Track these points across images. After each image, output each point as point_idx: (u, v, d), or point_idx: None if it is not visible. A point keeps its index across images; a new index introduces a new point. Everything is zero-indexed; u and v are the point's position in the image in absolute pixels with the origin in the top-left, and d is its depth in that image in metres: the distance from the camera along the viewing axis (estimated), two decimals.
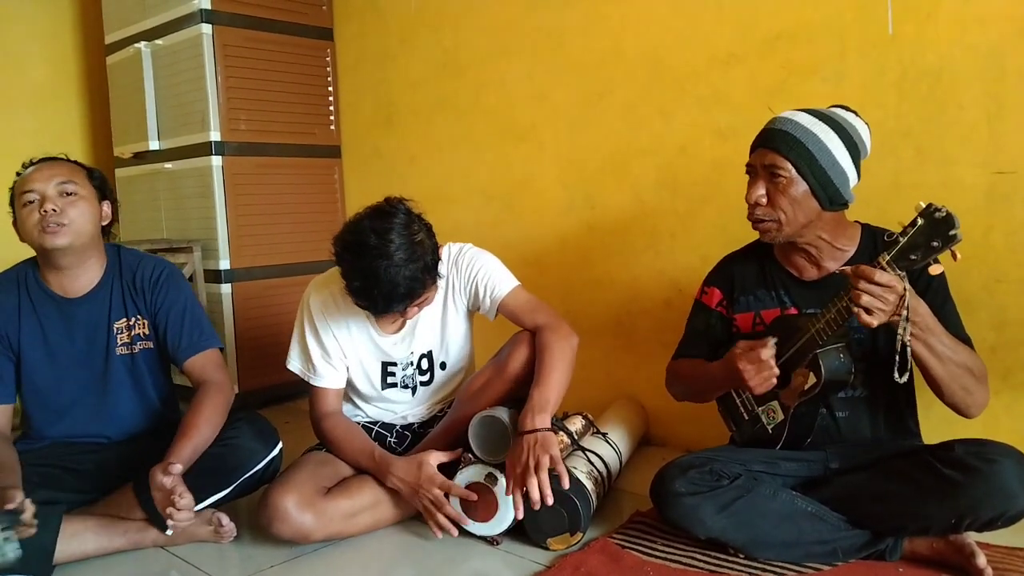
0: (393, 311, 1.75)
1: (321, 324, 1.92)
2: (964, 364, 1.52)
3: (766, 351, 1.58)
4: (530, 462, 1.66)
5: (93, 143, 3.81)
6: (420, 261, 1.70)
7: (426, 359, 1.99)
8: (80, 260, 1.88)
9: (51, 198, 1.79)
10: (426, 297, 1.80)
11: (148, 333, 1.95)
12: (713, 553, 1.65)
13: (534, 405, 1.73)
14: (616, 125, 2.54)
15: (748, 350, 1.61)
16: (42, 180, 1.81)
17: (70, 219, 1.80)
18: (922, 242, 1.35)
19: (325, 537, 1.78)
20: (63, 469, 1.82)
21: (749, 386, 1.60)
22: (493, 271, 1.93)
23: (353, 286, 1.70)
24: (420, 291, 1.74)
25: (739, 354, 1.62)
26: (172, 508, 1.59)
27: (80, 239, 1.83)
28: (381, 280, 1.66)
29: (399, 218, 1.71)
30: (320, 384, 1.95)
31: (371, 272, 1.66)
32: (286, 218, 3.24)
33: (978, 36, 1.86)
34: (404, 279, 1.67)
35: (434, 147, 3.11)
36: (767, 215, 1.63)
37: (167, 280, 1.95)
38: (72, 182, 1.84)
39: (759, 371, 1.59)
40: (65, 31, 3.74)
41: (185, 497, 1.60)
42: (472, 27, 2.91)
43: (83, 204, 1.83)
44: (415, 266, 1.69)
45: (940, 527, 1.51)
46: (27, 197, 1.80)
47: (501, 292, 1.91)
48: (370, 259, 1.66)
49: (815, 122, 1.60)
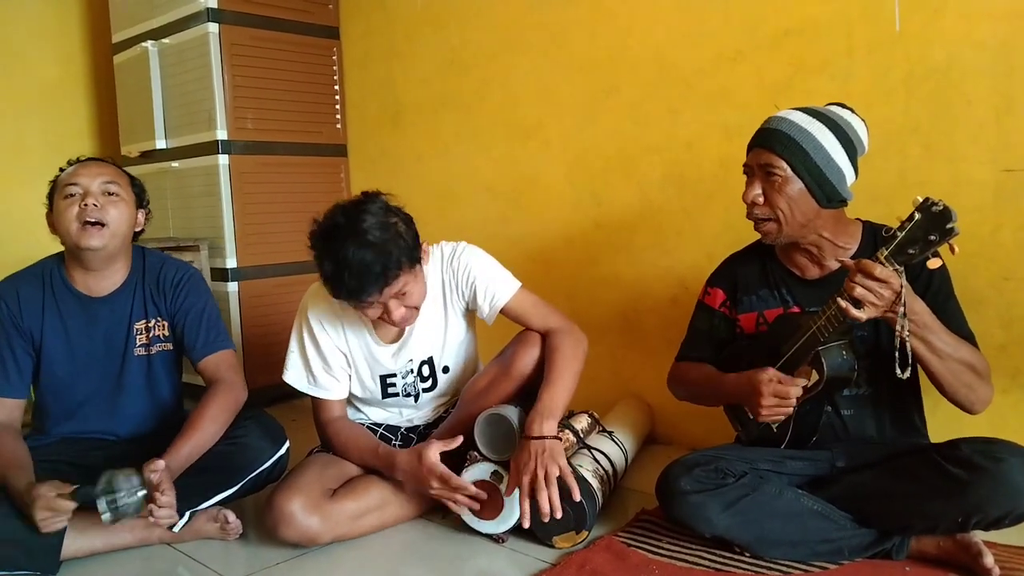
0: (369, 294, 1.66)
1: (320, 334, 1.91)
2: (965, 361, 1.51)
3: (795, 390, 1.56)
4: (539, 472, 1.65)
5: (100, 142, 3.82)
6: (393, 242, 1.66)
7: (427, 366, 1.97)
8: (108, 263, 1.90)
9: (94, 194, 1.82)
10: (405, 283, 1.71)
11: (167, 335, 1.96)
12: (719, 551, 1.65)
13: (542, 410, 1.72)
14: (622, 122, 2.54)
15: (779, 383, 1.57)
16: (88, 176, 1.83)
17: (109, 219, 1.82)
18: (920, 236, 1.35)
19: (332, 539, 1.78)
20: (71, 465, 1.83)
21: (758, 412, 1.59)
22: (491, 276, 1.90)
23: (326, 272, 1.67)
24: (395, 271, 1.66)
25: (767, 381, 1.58)
26: (152, 505, 1.59)
27: (115, 241, 1.85)
28: (351, 259, 1.62)
29: (374, 203, 1.71)
30: (323, 396, 1.94)
31: (342, 251, 1.62)
32: (293, 217, 3.24)
33: (986, 32, 1.85)
34: (376, 257, 1.62)
35: (440, 145, 3.11)
36: (765, 214, 1.63)
37: (188, 283, 1.97)
38: (116, 183, 1.87)
39: (778, 405, 1.57)
40: (72, 30, 3.76)
41: (167, 495, 1.60)
42: (478, 25, 2.91)
43: (123, 207, 1.86)
44: (387, 245, 1.64)
45: (947, 526, 1.50)
46: (70, 190, 1.82)
47: (502, 299, 1.88)
48: (341, 239, 1.64)
49: (810, 120, 1.60)
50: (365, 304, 1.72)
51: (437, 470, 1.75)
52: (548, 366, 1.80)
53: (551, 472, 1.65)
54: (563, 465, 1.67)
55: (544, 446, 1.68)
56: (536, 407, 1.74)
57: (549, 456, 1.66)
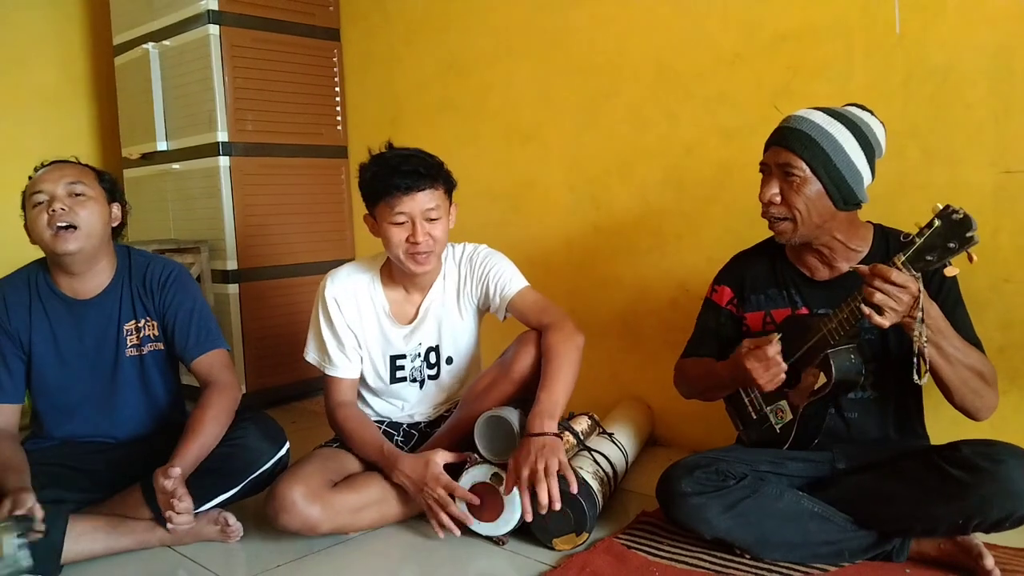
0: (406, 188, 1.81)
1: (335, 314, 1.95)
2: (974, 367, 1.51)
3: (772, 348, 1.58)
4: (538, 465, 1.66)
5: (101, 144, 3.83)
6: (433, 158, 1.90)
7: (434, 352, 2.02)
8: (90, 265, 1.89)
9: (60, 198, 1.80)
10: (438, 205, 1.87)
11: (157, 335, 1.96)
12: (719, 553, 1.65)
13: (542, 409, 1.74)
14: (622, 126, 2.55)
15: (754, 348, 1.61)
16: (51, 181, 1.82)
17: (80, 220, 1.80)
18: (939, 243, 1.34)
19: (331, 530, 1.79)
20: (72, 469, 1.83)
21: (758, 384, 1.60)
22: (504, 271, 1.98)
23: (368, 174, 1.87)
24: (433, 176, 1.86)
25: (745, 352, 1.61)
26: (171, 511, 1.60)
27: (90, 241, 1.83)
28: (394, 159, 1.84)
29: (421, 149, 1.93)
30: (334, 374, 1.98)
31: (386, 156, 1.86)
32: (293, 219, 3.25)
33: (985, 35, 1.85)
34: (418, 158, 1.85)
35: (440, 148, 3.06)
36: (781, 214, 1.63)
37: (176, 281, 1.96)
38: (81, 182, 1.84)
39: (767, 368, 1.59)
40: (73, 32, 3.76)
41: (184, 500, 1.61)
42: (478, 29, 2.92)
43: (92, 205, 1.84)
44: (427, 156, 1.89)
45: (947, 528, 1.50)
46: (36, 198, 1.81)
47: (511, 291, 1.94)
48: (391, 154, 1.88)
49: (830, 121, 1.59)
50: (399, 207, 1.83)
51: (443, 480, 1.77)
52: (545, 365, 1.81)
53: (551, 465, 1.66)
54: (562, 459, 1.68)
55: (544, 442, 1.69)
56: (535, 408, 1.75)
57: (549, 451, 1.68)
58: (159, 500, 1.65)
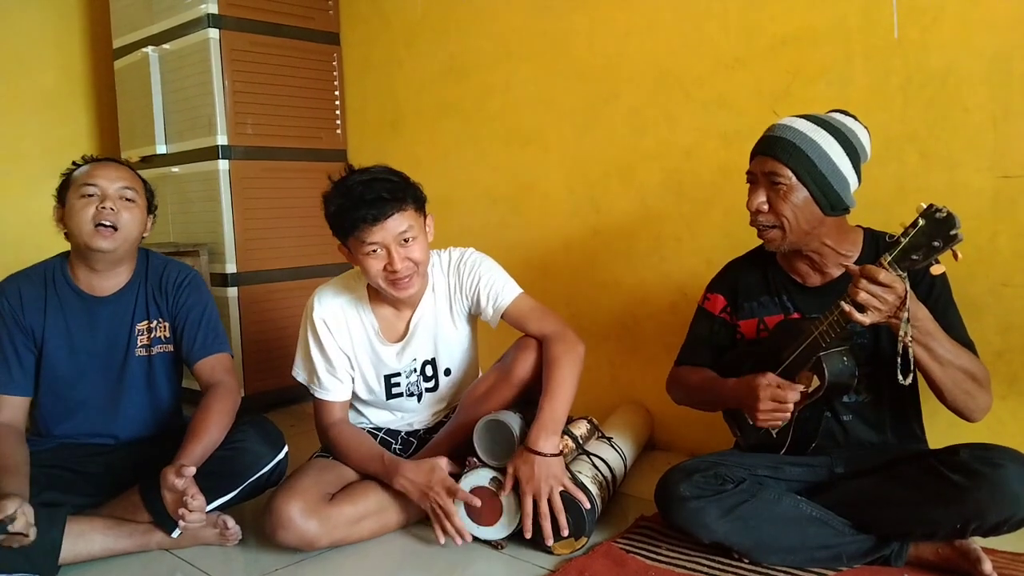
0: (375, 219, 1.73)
1: (325, 337, 1.92)
2: (965, 368, 1.51)
3: (793, 395, 1.57)
4: (542, 492, 1.69)
5: (101, 147, 3.82)
6: (400, 179, 1.80)
7: (430, 366, 2.00)
8: (115, 265, 1.91)
9: (111, 198, 1.83)
10: (410, 226, 1.77)
11: (168, 336, 1.97)
12: (717, 558, 1.65)
13: (545, 424, 1.74)
14: (621, 130, 2.55)
15: (777, 388, 1.58)
16: (107, 179, 1.84)
17: (123, 223, 1.84)
18: (923, 242, 1.35)
19: (330, 544, 1.78)
20: (71, 471, 1.83)
21: (756, 417, 1.59)
22: (495, 279, 1.93)
23: (334, 206, 1.78)
24: (400, 202, 1.75)
25: (765, 386, 1.59)
26: (184, 509, 1.61)
27: (125, 246, 1.87)
28: (358, 189, 1.74)
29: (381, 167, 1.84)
30: (325, 397, 1.95)
31: (350, 185, 1.76)
32: (293, 222, 3.25)
33: (984, 40, 1.86)
34: (383, 185, 1.74)
35: (440, 151, 3.11)
36: (769, 222, 1.63)
37: (190, 284, 1.98)
38: (133, 189, 1.88)
39: (776, 410, 1.58)
40: (73, 36, 3.77)
41: (197, 499, 1.61)
42: (478, 32, 2.92)
43: (137, 212, 1.88)
44: (393, 179, 1.79)
45: (945, 532, 1.50)
46: (88, 190, 1.82)
47: (504, 301, 1.91)
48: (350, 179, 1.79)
49: (814, 128, 1.60)
50: (369, 238, 1.75)
51: (448, 483, 1.77)
52: (546, 378, 1.81)
53: (555, 492, 1.69)
54: (567, 484, 1.71)
55: (548, 465, 1.71)
56: (537, 420, 1.75)
57: (553, 477, 1.70)
58: (168, 500, 1.65)
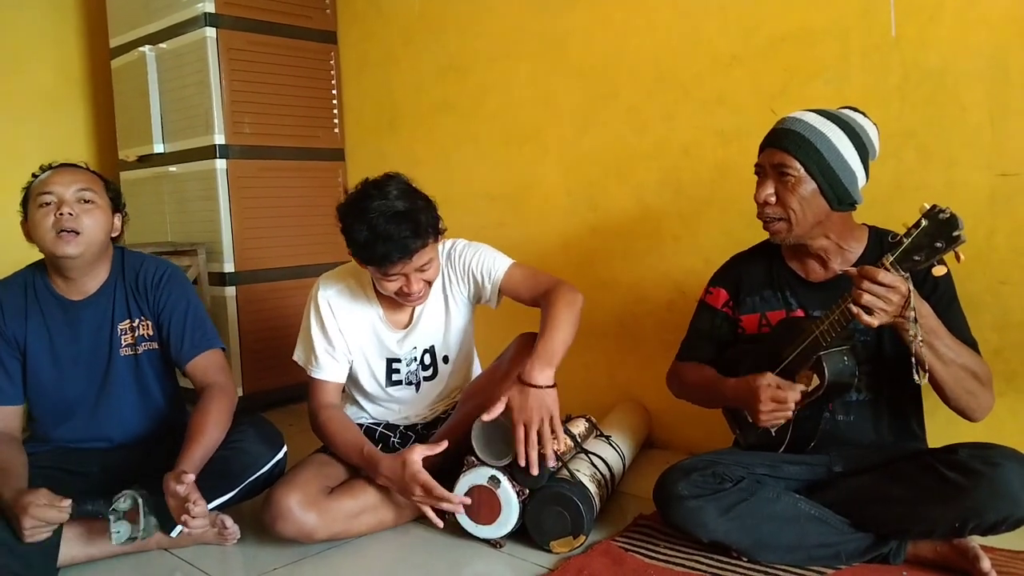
0: (399, 261, 1.73)
1: (328, 318, 1.93)
2: (968, 367, 1.51)
3: (794, 395, 1.56)
4: (534, 419, 1.68)
5: (98, 146, 3.82)
6: (422, 212, 1.76)
7: (428, 354, 2.01)
8: (88, 269, 1.89)
9: (68, 203, 1.80)
10: (429, 257, 1.79)
11: (152, 334, 1.95)
12: (716, 556, 1.65)
13: (539, 355, 1.73)
14: (619, 128, 2.55)
15: (777, 388, 1.57)
16: (62, 184, 1.81)
17: (84, 227, 1.80)
18: (926, 243, 1.35)
19: (328, 536, 1.79)
20: (69, 473, 1.83)
21: (757, 417, 1.59)
22: (486, 256, 1.96)
23: (358, 238, 1.73)
24: (423, 240, 1.75)
25: (765, 386, 1.58)
26: (187, 515, 1.60)
27: (91, 249, 1.84)
28: (384, 227, 1.70)
29: (397, 179, 1.82)
30: (320, 376, 1.95)
31: (375, 220, 1.71)
32: (290, 221, 3.25)
33: (981, 38, 1.86)
34: (408, 226, 1.71)
35: (438, 150, 3.11)
36: (776, 214, 1.63)
37: (169, 281, 1.95)
38: (91, 190, 1.85)
39: (777, 410, 1.57)
40: (70, 35, 3.76)
41: (199, 504, 1.61)
42: (475, 30, 2.92)
43: (98, 213, 1.84)
44: (417, 215, 1.74)
45: (944, 531, 1.50)
46: (44, 199, 1.80)
47: (499, 274, 1.93)
48: (373, 208, 1.73)
49: (824, 122, 1.60)
50: (392, 271, 1.77)
51: (420, 478, 1.74)
52: (544, 316, 1.80)
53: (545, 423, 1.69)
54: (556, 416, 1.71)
55: (540, 396, 1.70)
56: (534, 352, 1.74)
57: (545, 408, 1.70)
58: (172, 505, 1.64)
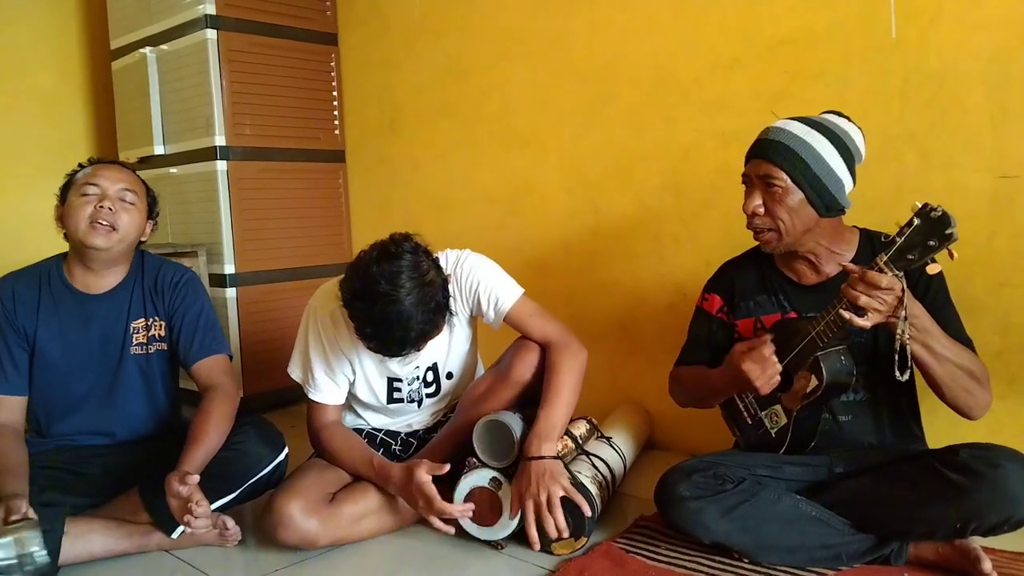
0: (406, 354, 1.70)
1: (328, 339, 1.89)
2: (963, 365, 1.52)
3: (767, 348, 1.59)
4: (541, 496, 1.68)
5: (99, 148, 3.82)
6: (432, 302, 1.64)
7: (431, 371, 1.98)
8: (110, 265, 1.92)
9: (111, 198, 1.84)
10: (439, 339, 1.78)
11: (164, 335, 1.97)
12: (717, 558, 1.65)
13: (541, 431, 1.74)
14: (619, 131, 2.55)
15: (748, 350, 1.61)
16: (109, 179, 1.86)
17: (121, 224, 1.85)
18: (919, 242, 1.36)
19: (330, 542, 1.78)
20: (70, 472, 1.83)
21: (755, 386, 1.60)
22: (495, 282, 1.90)
23: (365, 332, 1.64)
24: (433, 332, 1.68)
25: (741, 354, 1.62)
26: (189, 516, 1.61)
27: (120, 246, 1.87)
28: (393, 327, 1.60)
29: (406, 259, 1.64)
30: (319, 399, 1.94)
31: (383, 319, 1.60)
32: (291, 223, 3.25)
33: (982, 40, 1.86)
34: (417, 324, 1.61)
35: (438, 152, 3.11)
36: (765, 224, 1.64)
37: (187, 284, 1.98)
38: (133, 192, 1.90)
39: (764, 369, 1.59)
40: (71, 36, 3.76)
41: (202, 505, 1.61)
42: (476, 33, 2.92)
43: (136, 214, 1.89)
44: (428, 309, 1.63)
45: (945, 532, 1.50)
46: (88, 189, 1.84)
47: (506, 305, 1.89)
48: (382, 305, 1.59)
49: (808, 131, 1.61)
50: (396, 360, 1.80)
51: (425, 490, 1.74)
52: (547, 384, 1.81)
53: (554, 494, 1.68)
54: (566, 486, 1.70)
55: (544, 467, 1.70)
56: (535, 428, 1.75)
57: (550, 478, 1.69)
58: (173, 506, 1.65)
